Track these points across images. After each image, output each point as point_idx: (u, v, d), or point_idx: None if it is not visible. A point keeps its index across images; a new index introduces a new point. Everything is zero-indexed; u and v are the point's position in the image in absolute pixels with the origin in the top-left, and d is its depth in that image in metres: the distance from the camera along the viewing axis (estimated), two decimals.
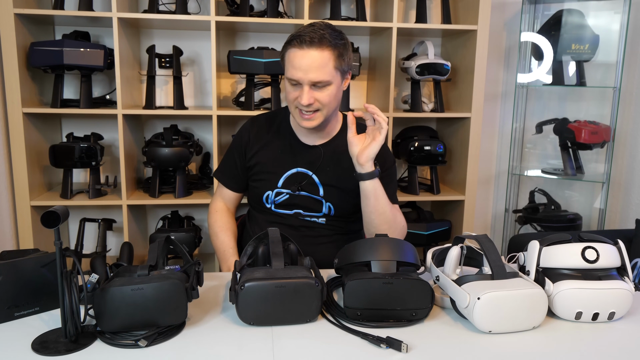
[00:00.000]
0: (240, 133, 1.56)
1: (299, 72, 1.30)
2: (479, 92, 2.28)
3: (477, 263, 1.23)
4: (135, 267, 1.01)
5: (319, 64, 1.29)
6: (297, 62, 1.30)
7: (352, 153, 1.34)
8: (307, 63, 1.29)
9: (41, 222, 0.89)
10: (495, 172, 2.80)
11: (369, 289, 1.01)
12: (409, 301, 1.02)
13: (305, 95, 1.31)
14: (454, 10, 2.45)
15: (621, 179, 2.59)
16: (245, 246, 1.19)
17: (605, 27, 2.49)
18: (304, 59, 1.29)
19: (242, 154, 1.53)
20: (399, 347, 0.93)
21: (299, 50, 1.30)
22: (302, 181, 1.46)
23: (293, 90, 1.35)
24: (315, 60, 1.29)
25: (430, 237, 2.32)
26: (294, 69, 1.31)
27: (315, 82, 1.31)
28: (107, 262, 1.12)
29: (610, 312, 1.05)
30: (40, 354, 0.90)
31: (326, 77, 1.31)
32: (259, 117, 1.58)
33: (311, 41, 1.28)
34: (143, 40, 2.38)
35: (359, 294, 1.02)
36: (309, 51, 1.29)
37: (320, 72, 1.30)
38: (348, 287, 1.02)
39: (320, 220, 1.49)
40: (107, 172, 2.43)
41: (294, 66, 1.31)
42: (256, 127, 1.54)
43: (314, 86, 1.32)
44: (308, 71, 1.29)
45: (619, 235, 1.34)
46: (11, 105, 1.99)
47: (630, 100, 2.53)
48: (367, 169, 1.33)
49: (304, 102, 1.32)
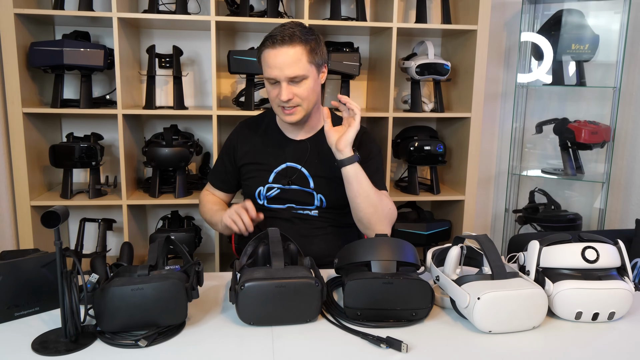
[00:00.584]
0: (229, 138, 1.64)
1: (275, 70, 1.37)
2: (479, 92, 2.28)
3: (477, 263, 1.24)
4: (135, 267, 1.01)
5: (292, 59, 1.36)
6: (271, 61, 1.37)
7: (331, 143, 1.40)
8: (281, 60, 1.36)
9: (41, 222, 0.89)
10: (495, 172, 2.80)
11: (369, 289, 1.01)
12: (409, 301, 1.02)
13: (284, 92, 1.38)
14: (454, 10, 2.45)
15: (621, 179, 2.59)
16: (246, 246, 1.19)
17: (605, 27, 2.48)
18: (278, 57, 1.36)
19: (232, 157, 1.60)
20: (399, 347, 0.93)
21: (272, 49, 1.37)
22: (292, 175, 1.51)
23: (272, 89, 1.42)
24: (289, 56, 1.36)
25: (430, 237, 2.32)
26: (270, 68, 1.38)
27: (291, 77, 1.37)
28: (107, 262, 1.12)
29: (610, 312, 1.05)
30: (40, 354, 0.90)
31: (301, 72, 1.37)
32: (246, 121, 1.66)
33: (282, 39, 1.35)
34: (143, 40, 2.38)
35: (358, 294, 1.02)
36: (281, 49, 1.36)
37: (295, 68, 1.36)
38: (348, 287, 1.02)
39: (313, 213, 1.53)
40: (107, 172, 2.43)
41: (270, 65, 1.38)
42: (244, 130, 1.62)
43: (292, 82, 1.38)
44: (283, 68, 1.36)
45: (619, 235, 1.34)
46: (11, 105, 1.99)
47: (630, 100, 2.53)
48: (346, 154, 1.37)
49: (284, 98, 1.38)
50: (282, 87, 1.38)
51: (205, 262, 2.41)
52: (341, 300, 1.06)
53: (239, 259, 1.19)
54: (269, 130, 1.58)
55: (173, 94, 2.24)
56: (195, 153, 2.23)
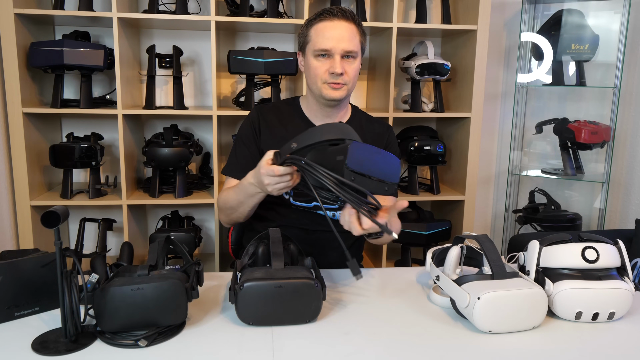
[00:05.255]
0: (249, 123, 1.49)
1: (331, 41, 1.34)
2: (478, 92, 2.28)
3: (477, 263, 1.24)
4: (135, 267, 1.01)
5: (349, 34, 1.35)
6: (328, 33, 1.34)
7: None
8: (339, 33, 1.34)
9: (41, 222, 0.89)
10: (495, 172, 2.81)
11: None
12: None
13: (338, 64, 1.34)
14: (454, 10, 2.45)
15: (621, 179, 2.59)
16: (247, 246, 1.19)
17: (605, 27, 2.49)
18: (335, 29, 1.34)
19: (256, 142, 1.46)
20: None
21: (329, 22, 1.35)
22: None
23: (321, 63, 1.37)
24: (347, 30, 1.34)
25: (430, 237, 2.32)
26: (326, 39, 1.34)
27: (347, 51, 1.34)
28: (107, 262, 1.12)
29: (610, 312, 1.05)
30: (40, 354, 0.90)
31: (355, 48, 1.36)
32: (266, 106, 1.53)
33: (342, 14, 1.35)
34: (143, 40, 2.38)
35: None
36: (340, 22, 1.34)
37: (351, 43, 1.34)
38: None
39: (337, 216, 1.43)
40: (107, 172, 2.43)
41: (326, 36, 1.34)
42: (268, 115, 1.49)
43: (344, 57, 1.35)
44: (340, 40, 1.33)
45: (619, 235, 1.35)
46: (11, 105, 2.00)
47: (630, 100, 2.53)
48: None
49: (338, 70, 1.33)
50: (335, 59, 1.34)
51: (205, 262, 2.42)
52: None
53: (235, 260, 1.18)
54: (295, 119, 1.49)
55: (173, 94, 2.24)
56: (195, 153, 2.23)
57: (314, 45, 1.36)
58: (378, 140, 1.51)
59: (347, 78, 1.37)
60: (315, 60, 1.37)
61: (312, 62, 1.38)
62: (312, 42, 1.37)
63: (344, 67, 1.35)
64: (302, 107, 1.51)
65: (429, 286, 1.24)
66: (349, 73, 1.36)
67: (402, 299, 1.17)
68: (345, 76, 1.36)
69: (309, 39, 1.38)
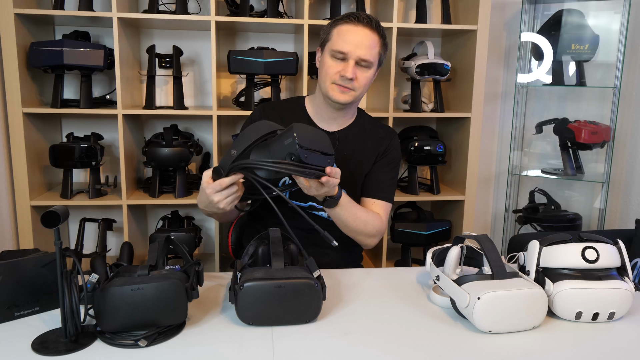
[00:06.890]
0: (250, 122, 1.49)
1: (349, 45, 1.34)
2: (478, 92, 2.28)
3: (477, 263, 1.24)
4: (135, 267, 1.01)
5: (369, 43, 1.35)
6: (349, 37, 1.35)
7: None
8: (359, 39, 1.34)
9: (41, 222, 0.89)
10: (495, 172, 2.81)
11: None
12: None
13: (350, 68, 1.35)
14: (454, 10, 2.45)
15: (621, 179, 2.59)
16: (247, 246, 1.19)
17: (605, 27, 2.49)
18: (357, 35, 1.35)
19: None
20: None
21: (353, 26, 1.35)
22: None
23: (335, 63, 1.37)
24: (368, 38, 1.35)
25: (430, 237, 2.32)
26: (345, 42, 1.35)
27: (362, 58, 1.35)
28: (107, 262, 1.12)
29: (610, 312, 1.05)
30: (40, 354, 0.90)
31: (371, 58, 1.36)
32: (267, 106, 1.54)
33: (368, 21, 1.35)
34: (143, 40, 2.38)
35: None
36: (363, 29, 1.35)
37: (368, 51, 1.35)
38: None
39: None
40: (107, 172, 2.43)
41: (345, 40, 1.35)
42: (271, 113, 1.50)
43: (358, 64, 1.36)
44: (359, 46, 1.34)
45: (619, 235, 1.35)
46: (11, 105, 2.00)
47: (630, 100, 2.53)
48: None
49: (349, 75, 1.34)
50: (349, 64, 1.35)
51: (205, 262, 2.41)
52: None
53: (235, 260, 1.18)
54: (298, 118, 1.49)
55: (173, 94, 2.24)
56: (195, 153, 2.23)
57: (332, 44, 1.37)
58: (376, 143, 1.51)
59: (357, 84, 1.38)
60: (330, 59, 1.38)
61: (327, 60, 1.39)
62: (331, 41, 1.38)
63: (355, 73, 1.36)
64: (306, 106, 1.51)
65: (429, 286, 1.24)
66: (359, 80, 1.37)
67: (402, 299, 1.17)
68: (356, 82, 1.37)
69: (330, 37, 1.39)
